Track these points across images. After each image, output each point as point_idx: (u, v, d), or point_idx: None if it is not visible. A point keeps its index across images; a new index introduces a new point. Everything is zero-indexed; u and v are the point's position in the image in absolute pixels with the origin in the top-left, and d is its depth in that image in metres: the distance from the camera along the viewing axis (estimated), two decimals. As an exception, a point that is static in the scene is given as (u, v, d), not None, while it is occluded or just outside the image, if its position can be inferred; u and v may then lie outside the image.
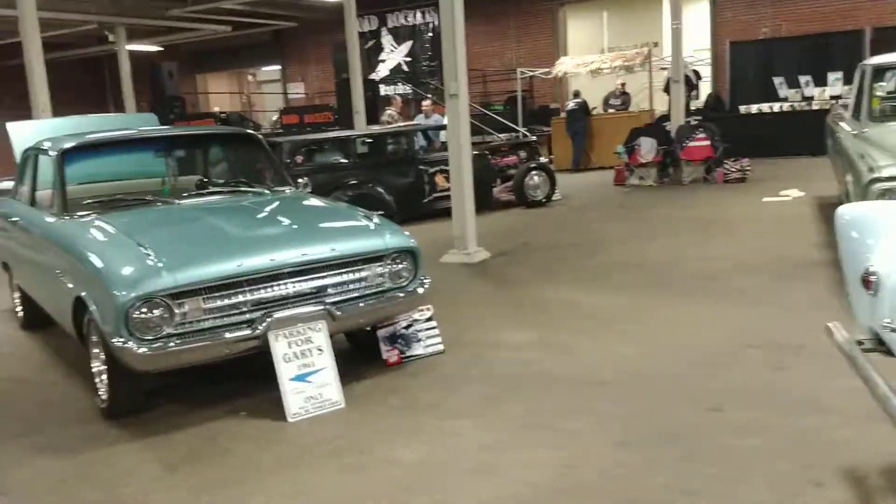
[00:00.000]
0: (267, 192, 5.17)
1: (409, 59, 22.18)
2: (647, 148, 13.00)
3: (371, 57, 22.23)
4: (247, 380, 4.48)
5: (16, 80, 21.75)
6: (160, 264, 3.75)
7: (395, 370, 4.63)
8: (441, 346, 4.87)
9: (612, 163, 14.04)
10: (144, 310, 3.66)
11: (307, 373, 3.98)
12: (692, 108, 16.43)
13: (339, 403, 4.03)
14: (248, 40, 23.34)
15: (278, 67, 25.08)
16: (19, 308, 6.07)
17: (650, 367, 4.44)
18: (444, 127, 11.83)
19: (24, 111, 9.55)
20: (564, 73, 17.12)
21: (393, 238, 4.38)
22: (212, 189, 5.06)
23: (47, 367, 5.20)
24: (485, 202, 11.09)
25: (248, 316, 3.91)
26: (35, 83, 9.94)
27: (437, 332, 4.89)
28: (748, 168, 12.44)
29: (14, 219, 5.41)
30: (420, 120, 13.26)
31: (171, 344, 3.71)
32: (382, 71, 22.38)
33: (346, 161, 10.67)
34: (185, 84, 25.94)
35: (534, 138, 12.68)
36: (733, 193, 11.23)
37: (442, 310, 5.40)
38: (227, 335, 3.82)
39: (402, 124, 12.74)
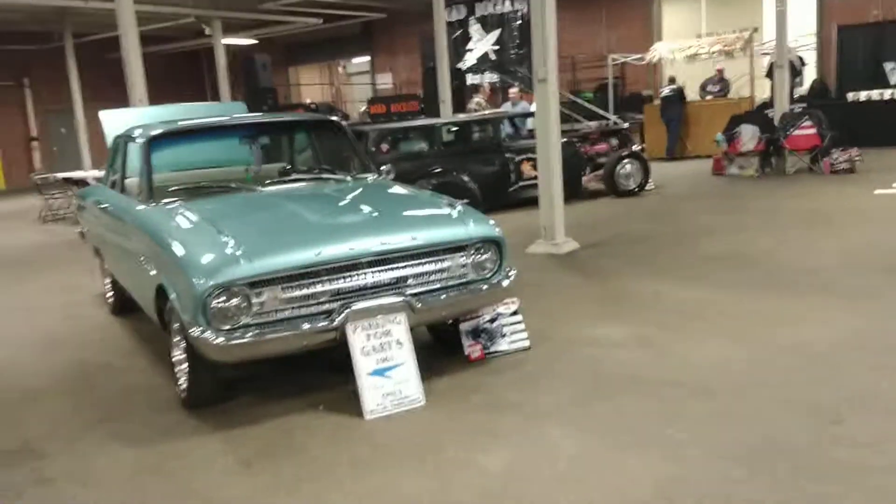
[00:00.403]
0: (349, 179, 5.04)
1: (496, 47, 21.83)
2: (749, 136, 12.30)
3: (458, 46, 22.04)
4: (327, 372, 4.36)
5: (120, 73, 22.78)
6: (239, 252, 3.64)
7: (477, 366, 4.41)
8: (527, 342, 4.62)
9: (709, 151, 13.39)
10: (222, 298, 3.56)
11: (386, 367, 3.80)
12: (796, 95, 15.50)
13: (419, 401, 3.85)
14: (338, 32, 23.58)
15: (367, 59, 25.24)
16: (110, 294, 6.17)
17: (754, 369, 4.06)
18: (531, 114, 11.54)
19: (126, 103, 9.82)
20: (659, 59, 16.43)
21: (477, 227, 4.15)
22: (294, 176, 4.96)
23: (134, 354, 5.23)
24: (573, 191, 10.73)
25: (326, 307, 3.76)
26: (133, 74, 10.18)
27: (522, 326, 4.64)
28: (858, 158, 11.59)
29: (104, 205, 5.47)
30: (507, 107, 12.97)
31: (249, 334, 3.60)
32: (469, 60, 22.11)
33: (431, 149, 10.51)
34: (277, 76, 26.45)
35: (625, 125, 12.17)
36: (841, 185, 10.47)
37: (528, 303, 5.16)
38: (305, 326, 3.68)
39: (488, 112, 12.48)
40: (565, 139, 11.01)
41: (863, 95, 14.95)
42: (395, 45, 23.77)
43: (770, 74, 15.42)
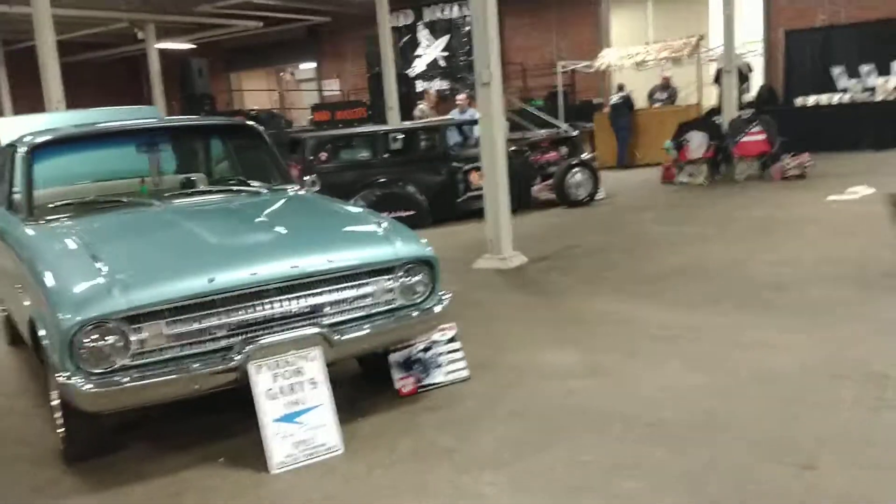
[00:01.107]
0: (265, 191, 4.47)
1: (445, 53, 21.44)
2: (697, 143, 12.05)
3: (407, 52, 21.58)
4: (235, 411, 3.79)
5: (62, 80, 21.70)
6: (114, 281, 3.06)
7: (409, 402, 3.88)
8: (466, 372, 4.11)
9: (659, 159, 13.13)
10: (94, 337, 2.98)
11: (297, 412, 3.26)
12: (743, 101, 15.38)
13: (336, 449, 3.30)
14: (282, 36, 22.88)
15: (313, 65, 24.58)
16: (4, 321, 5.49)
17: (719, 403, 3.62)
18: (478, 122, 11.08)
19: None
20: (608, 66, 16.18)
21: (405, 246, 3.63)
22: (200, 188, 4.38)
23: (20, 394, 4.58)
24: (523, 202, 10.32)
25: (223, 343, 3.20)
26: (48, 78, 9.43)
27: (461, 354, 4.13)
28: (809, 164, 11.43)
29: (-10, 223, 4.80)
30: (455, 115, 12.50)
31: (127, 379, 3.02)
32: (419, 66, 21.69)
33: (374, 158, 9.98)
34: (219, 82, 25.64)
35: (575, 133, 11.82)
36: (794, 191, 10.25)
37: (470, 325, 4.69)
38: (197, 367, 3.12)
39: (434, 119, 12.01)
40: (514, 147, 10.63)
41: (811, 100, 14.91)
42: (342, 51, 23.16)
43: (718, 80, 15.29)
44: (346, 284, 3.46)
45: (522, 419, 3.59)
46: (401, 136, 10.64)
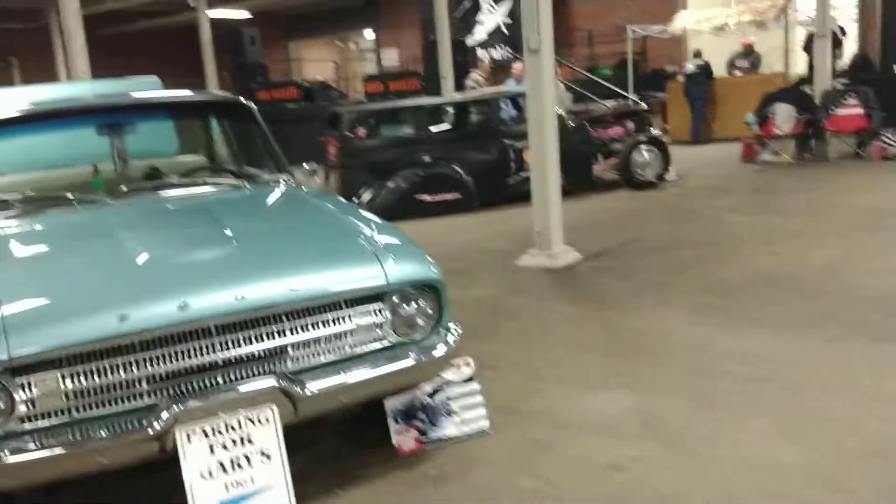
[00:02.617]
0: (244, 185, 3.62)
1: (509, 20, 20.21)
2: (784, 117, 10.70)
3: (468, 18, 20.48)
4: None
5: (114, 50, 21.51)
6: (-8, 320, 2.26)
7: (408, 466, 3.00)
8: (486, 423, 3.20)
9: (739, 134, 11.82)
10: (-39, 396, 2.20)
11: (241, 496, 2.42)
12: (836, 69, 13.78)
13: (294, 546, 2.46)
14: (339, 3, 22.05)
15: (372, 33, 23.70)
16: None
17: (821, 489, 2.62)
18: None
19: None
20: (683, 31, 14.76)
21: (400, 266, 2.72)
22: (164, 181, 3.55)
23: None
24: (582, 183, 9.30)
25: (144, 400, 2.38)
26: (73, 49, 8.82)
27: (480, 399, 3.22)
28: (914, 141, 9.98)
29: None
30: (510, 85, 11.44)
31: (9, 450, 2.23)
32: (479, 33, 20.55)
33: (418, 134, 9.08)
34: (277, 52, 25.08)
35: (644, 106, 10.63)
36: (898, 174, 8.91)
37: (501, 344, 3.87)
38: (106, 434, 2.30)
39: (485, 90, 10.99)
40: (573, 122, 9.56)
41: (914, 70, 13.19)
42: (400, 18, 22.17)
43: (808, 47, 13.74)
44: (316, 318, 2.58)
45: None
46: (447, 110, 9.68)
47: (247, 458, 2.43)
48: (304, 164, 3.97)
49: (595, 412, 3.32)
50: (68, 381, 2.29)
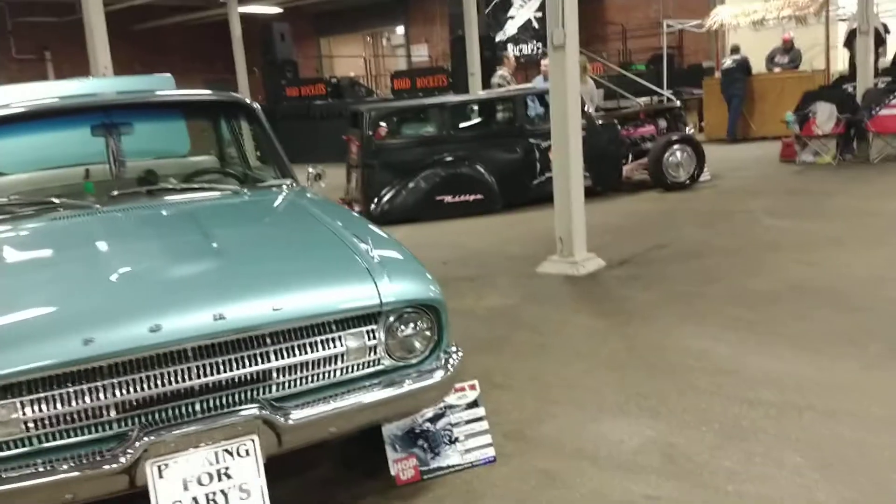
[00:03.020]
0: (244, 190, 3.43)
1: (539, 14, 19.86)
2: (825, 116, 10.25)
3: (498, 13, 20.17)
4: None
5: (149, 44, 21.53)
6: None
7: (407, 497, 2.79)
8: (491, 452, 2.97)
9: (778, 133, 11.39)
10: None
11: (216, 536, 2.23)
12: (879, 68, 13.24)
13: (274, 592, 2.26)
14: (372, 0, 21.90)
15: (403, 29, 23.51)
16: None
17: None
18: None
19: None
20: (720, 25, 14.31)
21: (396, 284, 2.50)
22: (158, 185, 3.37)
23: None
24: (611, 184, 9.01)
25: (111, 430, 2.20)
26: (95, 42, 8.76)
27: (486, 426, 2.99)
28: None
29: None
30: (538, 83, 11.15)
31: (-40, 485, 2.06)
32: (510, 29, 20.23)
33: (441, 133, 8.84)
34: (308, 48, 25.04)
35: (677, 103, 10.28)
36: (948, 178, 8.46)
37: (514, 360, 3.65)
38: (70, 466, 2.12)
39: (511, 88, 10.72)
40: (603, 121, 9.26)
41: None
42: (431, 13, 21.94)
43: (849, 43, 13.23)
44: (302, 341, 2.38)
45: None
46: (472, 108, 9.44)
47: (224, 493, 2.24)
48: (310, 168, 3.78)
49: (612, 441, 3.07)
50: (28, 408, 2.12)
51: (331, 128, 13.33)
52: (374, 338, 2.48)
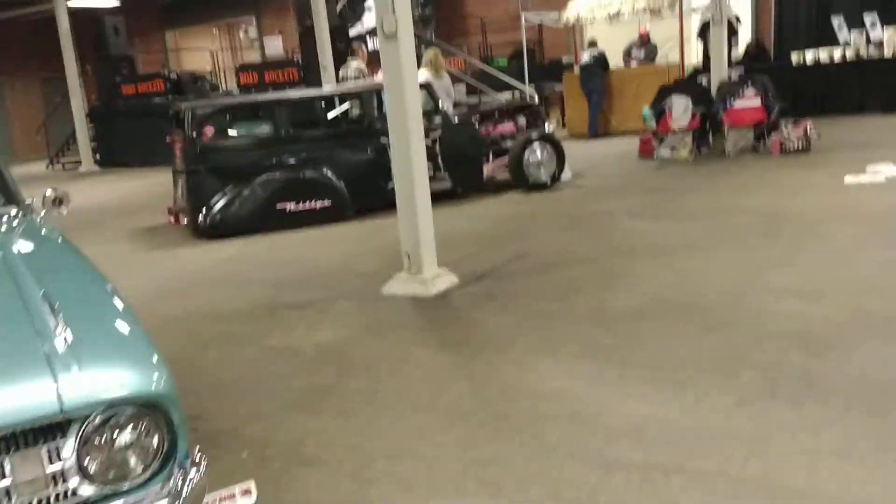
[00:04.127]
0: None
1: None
2: (681, 110, 10.11)
3: (356, 4, 19.31)
4: None
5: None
6: None
7: None
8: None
9: (637, 127, 11.24)
10: None
11: None
12: (732, 59, 13.45)
13: None
14: (218, -12, 20.48)
15: (253, 19, 22.16)
16: None
17: None
18: (419, 87, 9.06)
19: None
20: (577, 18, 14.11)
21: (93, 378, 1.67)
22: None
23: None
24: (471, 185, 8.45)
25: None
26: None
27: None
28: (814, 134, 9.55)
29: None
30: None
31: None
32: (369, 21, 19.41)
33: (280, 133, 7.96)
34: (152, 42, 23.22)
35: (535, 100, 9.85)
36: (799, 170, 8.42)
37: (339, 416, 2.95)
38: None
39: (360, 82, 9.96)
40: (460, 118, 8.68)
41: (808, 57, 12.98)
42: (285, 3, 20.74)
43: (702, 34, 13.35)
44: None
45: None
46: (318, 105, 8.60)
47: None
48: (48, 191, 2.87)
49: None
50: None
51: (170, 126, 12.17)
52: (60, 459, 1.65)
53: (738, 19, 14.27)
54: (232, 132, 7.91)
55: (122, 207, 10.20)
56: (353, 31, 17.40)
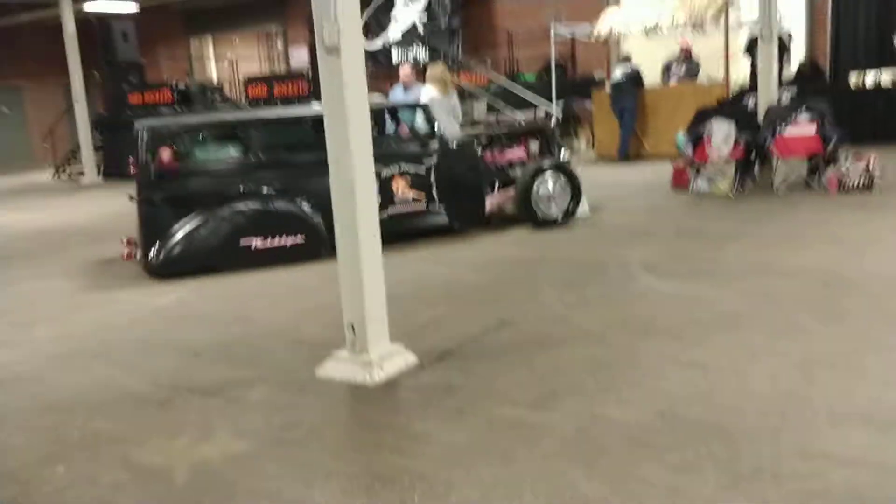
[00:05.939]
0: None
1: (426, 17, 18.13)
2: (722, 137, 8.82)
3: (381, 15, 18.33)
4: None
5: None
6: None
7: None
8: None
9: (672, 152, 9.99)
10: None
11: None
12: (783, 79, 12.08)
13: None
14: (245, -4, 19.68)
15: (279, 27, 21.35)
16: None
17: None
18: (415, 106, 7.99)
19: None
20: (610, 31, 12.88)
21: None
22: None
23: None
24: (472, 219, 7.36)
25: None
26: None
27: None
28: (875, 169, 8.21)
29: None
30: (396, 93, 9.39)
31: None
32: (394, 33, 18.43)
33: (250, 158, 6.93)
34: (177, 49, 22.61)
35: (551, 122, 8.69)
36: (862, 214, 7.12)
37: None
38: None
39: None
40: (460, 144, 7.56)
41: (870, 78, 11.58)
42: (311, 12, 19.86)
43: (750, 50, 12.05)
44: None
45: None
46: (297, 126, 7.53)
47: None
48: None
49: None
50: None
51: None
52: None
53: (790, 36, 12.91)
54: (195, 156, 6.88)
55: (96, 231, 9.28)
56: (371, 46, 16.43)
